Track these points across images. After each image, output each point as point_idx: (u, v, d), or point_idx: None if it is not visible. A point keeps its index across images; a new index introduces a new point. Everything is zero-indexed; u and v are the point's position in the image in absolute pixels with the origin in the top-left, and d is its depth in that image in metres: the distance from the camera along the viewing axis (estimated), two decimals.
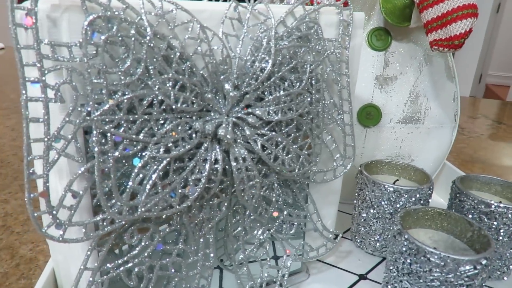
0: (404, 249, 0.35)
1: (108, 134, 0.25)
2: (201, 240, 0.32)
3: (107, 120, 0.25)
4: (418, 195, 0.43)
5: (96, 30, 0.24)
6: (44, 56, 0.23)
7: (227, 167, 0.31)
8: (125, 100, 0.25)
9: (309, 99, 0.33)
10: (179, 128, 0.27)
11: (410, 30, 0.51)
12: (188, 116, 0.28)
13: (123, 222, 0.28)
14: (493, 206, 0.40)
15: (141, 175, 0.27)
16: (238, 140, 0.30)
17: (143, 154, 0.27)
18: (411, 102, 0.52)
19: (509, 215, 0.40)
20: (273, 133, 0.31)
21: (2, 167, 0.64)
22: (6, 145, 0.73)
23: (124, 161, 0.27)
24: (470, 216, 0.42)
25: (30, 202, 0.24)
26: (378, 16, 0.50)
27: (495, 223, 0.41)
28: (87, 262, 0.28)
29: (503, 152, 0.87)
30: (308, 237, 0.41)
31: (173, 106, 0.27)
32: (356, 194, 0.46)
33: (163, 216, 0.29)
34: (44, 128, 0.24)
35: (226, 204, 0.32)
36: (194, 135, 0.28)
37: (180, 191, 0.28)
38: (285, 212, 0.36)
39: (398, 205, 0.43)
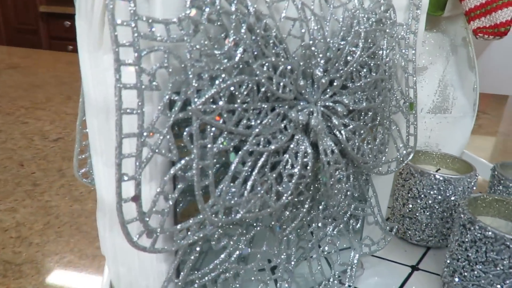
0: (478, 237, 0.34)
1: (208, 127, 0.22)
2: (284, 239, 0.29)
3: (207, 110, 0.22)
4: (466, 183, 0.42)
5: (194, 6, 0.21)
6: (141, 35, 0.20)
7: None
8: (227, 87, 0.22)
9: (389, 86, 0.31)
10: (277, 118, 0.25)
11: (439, 20, 0.50)
12: (280, 105, 0.25)
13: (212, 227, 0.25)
14: None
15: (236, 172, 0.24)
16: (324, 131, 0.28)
17: (241, 148, 0.24)
18: (440, 91, 0.52)
19: None
20: (356, 122, 0.29)
21: None
22: None
23: (217, 157, 0.24)
24: None
25: (121, 209, 0.21)
26: None
27: None
28: (173, 275, 0.25)
29: None
30: (365, 231, 0.39)
31: (269, 94, 0.24)
32: (400, 185, 0.45)
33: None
34: (138, 121, 0.21)
35: (308, 200, 0.29)
36: (288, 126, 0.25)
37: (274, 188, 0.25)
38: (352, 206, 0.34)
39: (447, 194, 0.42)
